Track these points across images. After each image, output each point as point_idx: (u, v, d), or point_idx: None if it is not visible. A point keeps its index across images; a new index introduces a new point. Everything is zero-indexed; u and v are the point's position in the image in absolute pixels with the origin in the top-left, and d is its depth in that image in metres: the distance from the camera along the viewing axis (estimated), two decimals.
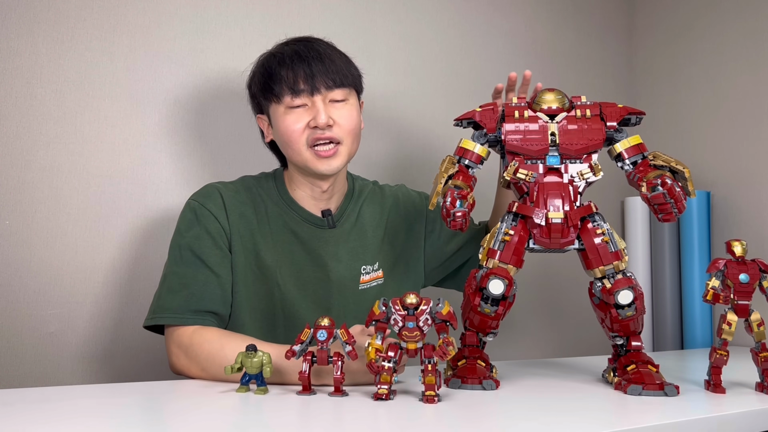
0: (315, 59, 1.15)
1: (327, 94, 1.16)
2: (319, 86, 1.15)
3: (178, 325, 1.10)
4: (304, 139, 1.16)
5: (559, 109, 1.07)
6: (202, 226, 1.15)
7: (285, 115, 1.16)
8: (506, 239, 1.01)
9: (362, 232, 1.28)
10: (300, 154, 1.17)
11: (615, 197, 1.97)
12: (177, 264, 1.14)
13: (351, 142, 1.19)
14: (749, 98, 1.74)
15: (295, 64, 1.14)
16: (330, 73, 1.15)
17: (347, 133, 1.18)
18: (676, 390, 0.96)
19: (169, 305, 1.11)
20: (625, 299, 0.98)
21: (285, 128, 1.16)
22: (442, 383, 0.93)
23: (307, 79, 1.14)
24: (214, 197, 1.18)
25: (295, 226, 1.23)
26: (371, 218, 1.30)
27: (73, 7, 1.36)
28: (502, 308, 1.00)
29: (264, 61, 1.19)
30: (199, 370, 1.06)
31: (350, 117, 1.18)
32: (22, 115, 1.32)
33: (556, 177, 1.04)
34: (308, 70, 1.14)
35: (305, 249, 1.23)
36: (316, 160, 1.16)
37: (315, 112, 1.14)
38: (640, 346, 1.03)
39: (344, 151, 1.18)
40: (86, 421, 0.79)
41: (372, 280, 1.27)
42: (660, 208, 0.99)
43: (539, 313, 1.88)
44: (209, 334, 1.08)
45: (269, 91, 1.17)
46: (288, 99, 1.15)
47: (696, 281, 1.75)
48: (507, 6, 1.89)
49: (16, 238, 1.30)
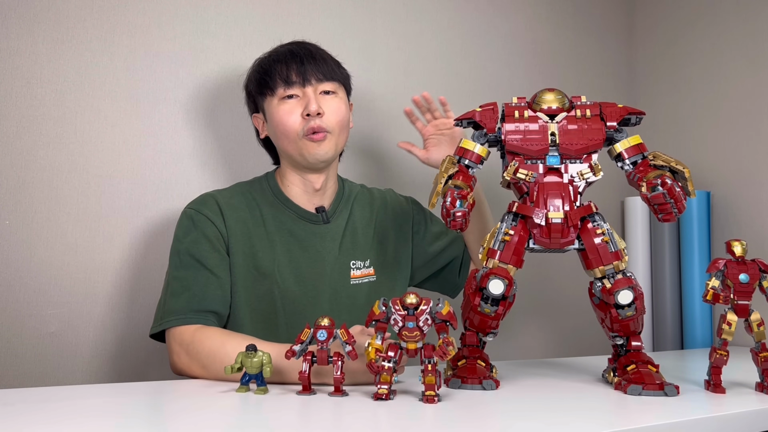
0: (307, 56, 1.23)
1: (318, 86, 1.23)
2: (310, 78, 1.22)
3: (180, 324, 1.11)
4: (298, 128, 1.22)
5: (559, 109, 1.07)
6: (200, 231, 1.19)
7: (279, 106, 1.22)
8: (506, 239, 1.01)
9: (354, 230, 1.32)
10: (294, 142, 1.22)
11: (615, 197, 1.97)
12: (177, 269, 1.17)
13: (339, 133, 1.25)
14: (749, 98, 1.74)
15: (288, 60, 1.23)
16: (320, 67, 1.23)
17: (336, 124, 1.23)
18: (676, 390, 0.96)
19: (172, 308, 1.13)
20: (625, 299, 0.98)
21: (279, 118, 1.22)
22: (442, 383, 0.93)
23: (299, 72, 1.22)
24: (209, 203, 1.22)
25: (291, 224, 1.26)
26: (361, 218, 1.34)
27: (73, 7, 1.36)
28: (502, 308, 1.00)
29: (259, 61, 1.28)
30: (200, 368, 1.07)
31: (339, 109, 1.24)
32: (22, 115, 1.32)
33: (556, 177, 1.04)
34: (300, 64, 1.22)
35: (301, 246, 1.25)
36: (309, 145, 1.22)
37: (307, 101, 1.21)
38: (640, 346, 1.03)
39: (333, 140, 1.24)
40: (86, 421, 0.79)
41: (363, 276, 1.30)
42: (660, 208, 0.99)
43: (539, 313, 1.88)
44: (211, 332, 1.10)
45: (264, 85, 1.24)
46: (281, 90, 1.22)
47: (696, 281, 1.75)
48: (507, 6, 1.89)
49: (16, 238, 1.30)
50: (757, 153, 1.72)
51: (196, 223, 1.19)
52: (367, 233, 1.33)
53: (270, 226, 1.24)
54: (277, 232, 1.25)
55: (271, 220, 1.25)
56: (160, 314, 1.15)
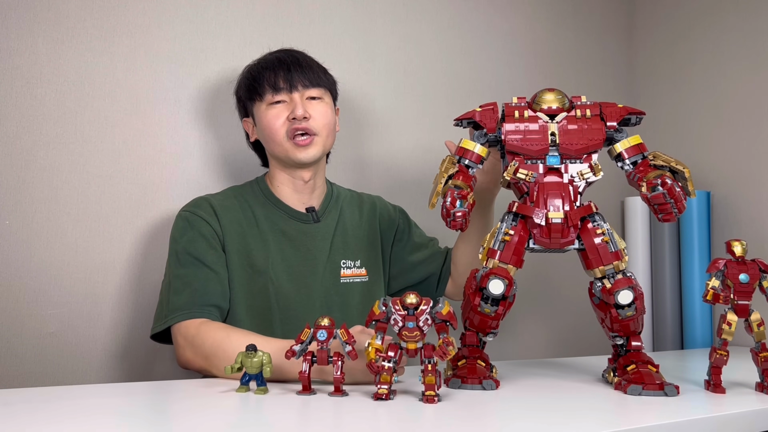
0: (294, 63, 1.28)
1: (304, 92, 1.27)
2: (296, 84, 1.27)
3: (185, 319, 1.14)
4: (284, 131, 1.26)
5: (559, 109, 1.07)
6: (196, 230, 1.22)
7: (267, 111, 1.27)
8: (506, 239, 1.01)
9: (344, 230, 1.35)
10: (281, 145, 1.27)
11: (615, 197, 1.97)
12: (177, 268, 1.20)
13: (326, 135, 1.29)
14: (749, 98, 1.74)
15: (276, 67, 1.28)
16: (307, 74, 1.28)
17: (323, 126, 1.28)
18: (676, 390, 0.96)
19: (176, 305, 1.16)
20: (625, 299, 0.98)
21: (267, 122, 1.27)
22: (442, 383, 0.93)
23: (286, 79, 1.27)
24: (203, 206, 1.26)
25: (283, 224, 1.29)
26: (351, 219, 1.38)
27: (73, 7, 1.36)
28: (502, 308, 1.00)
29: (249, 68, 1.33)
30: (203, 360, 1.09)
31: (325, 113, 1.29)
32: (22, 115, 1.32)
33: (556, 177, 1.04)
34: (287, 71, 1.27)
35: (293, 245, 1.28)
36: (294, 149, 1.26)
37: (293, 105, 1.26)
38: (640, 346, 1.03)
39: (320, 142, 1.28)
40: (87, 420, 0.79)
41: (354, 275, 1.33)
42: (660, 208, 0.99)
43: (539, 313, 1.88)
44: (215, 326, 1.13)
45: (253, 91, 1.29)
46: (269, 96, 1.27)
47: (696, 281, 1.75)
48: (507, 6, 1.89)
49: (16, 238, 1.30)
50: (758, 153, 1.72)
51: (191, 224, 1.22)
52: (358, 234, 1.37)
53: (263, 226, 1.28)
54: (270, 231, 1.28)
55: (264, 220, 1.28)
56: (164, 312, 1.17)
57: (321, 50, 1.59)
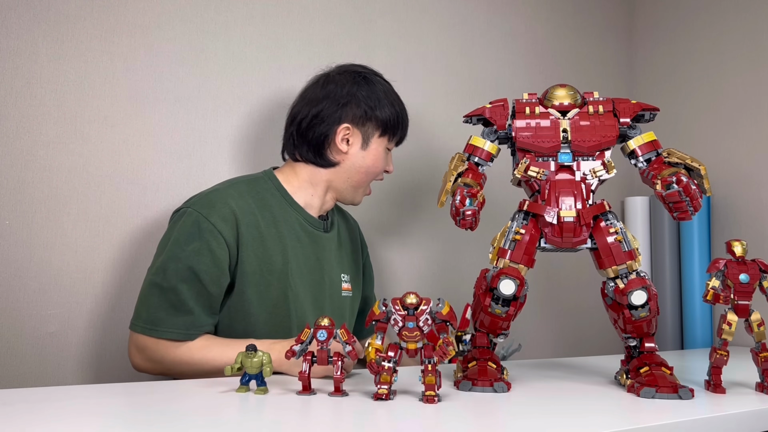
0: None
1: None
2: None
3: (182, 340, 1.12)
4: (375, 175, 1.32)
5: (571, 105, 1.05)
6: (204, 242, 1.13)
7: (383, 151, 1.30)
8: (517, 238, 0.99)
9: (341, 243, 1.36)
10: (365, 183, 1.31)
11: (615, 197, 1.97)
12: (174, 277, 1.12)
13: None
14: (749, 98, 1.74)
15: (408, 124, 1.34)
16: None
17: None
18: (691, 393, 0.94)
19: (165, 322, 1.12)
20: (638, 300, 0.96)
21: (377, 160, 1.29)
22: (442, 383, 0.93)
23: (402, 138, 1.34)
24: (220, 209, 1.16)
25: (299, 228, 1.26)
26: (344, 232, 1.39)
27: (73, 7, 1.36)
28: (513, 309, 0.98)
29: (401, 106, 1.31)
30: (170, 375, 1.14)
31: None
32: (22, 115, 1.32)
33: (568, 174, 1.02)
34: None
35: (305, 252, 1.26)
36: (364, 194, 1.33)
37: (390, 160, 1.33)
38: (653, 348, 1.00)
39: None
40: (86, 421, 0.79)
41: (346, 290, 1.34)
42: (675, 207, 0.97)
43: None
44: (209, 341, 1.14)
45: (394, 130, 1.29)
46: (392, 144, 1.32)
47: (696, 281, 1.75)
48: (507, 6, 1.89)
49: (16, 238, 1.30)
50: (757, 153, 1.72)
51: (201, 232, 1.13)
52: (347, 248, 1.38)
53: (281, 228, 1.22)
54: (287, 234, 1.23)
55: (282, 222, 1.23)
56: (151, 318, 1.12)
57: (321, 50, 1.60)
